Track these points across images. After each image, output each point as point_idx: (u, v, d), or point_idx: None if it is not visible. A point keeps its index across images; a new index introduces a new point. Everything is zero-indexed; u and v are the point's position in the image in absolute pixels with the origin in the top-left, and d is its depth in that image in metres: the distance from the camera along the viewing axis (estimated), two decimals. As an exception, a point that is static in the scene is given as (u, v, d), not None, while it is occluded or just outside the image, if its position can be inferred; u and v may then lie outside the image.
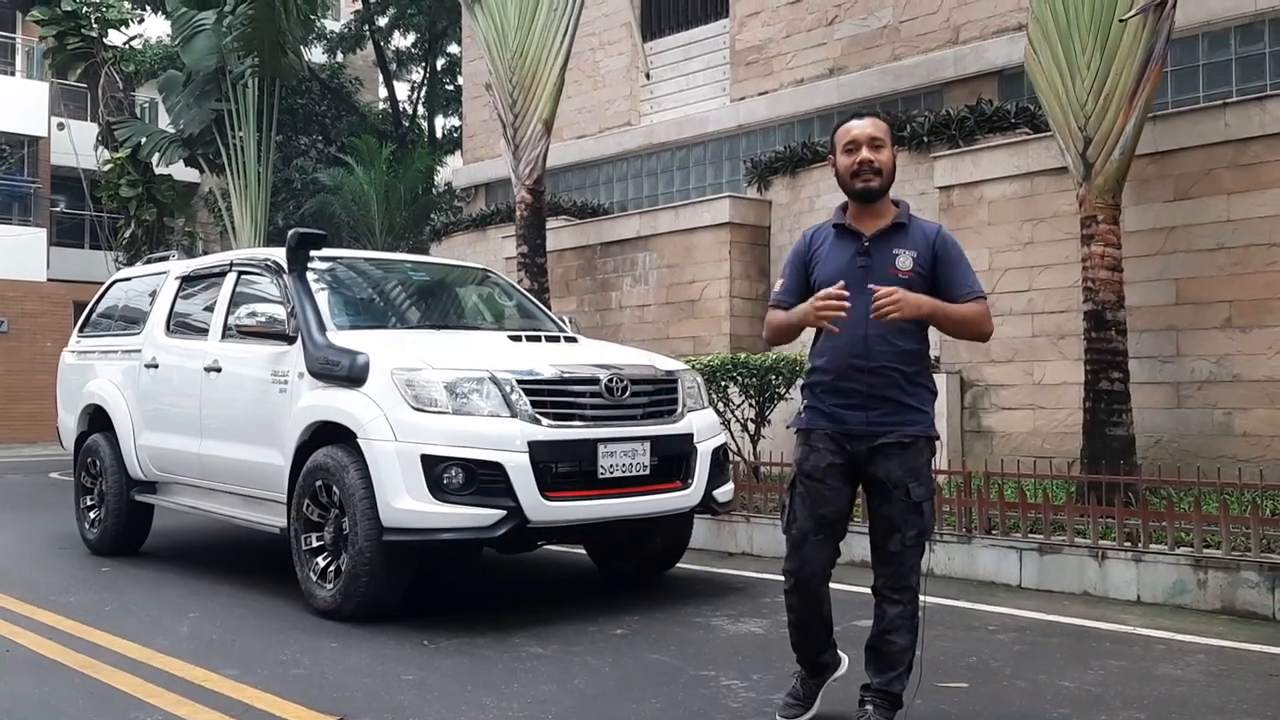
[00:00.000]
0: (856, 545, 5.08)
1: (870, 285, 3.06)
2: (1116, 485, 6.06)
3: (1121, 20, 6.51)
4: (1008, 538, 5.89)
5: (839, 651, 3.54)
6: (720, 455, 5.66)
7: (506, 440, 4.79)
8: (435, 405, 4.84)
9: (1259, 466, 6.41)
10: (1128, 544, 5.52)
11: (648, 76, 12.34)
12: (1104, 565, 5.50)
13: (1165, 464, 6.76)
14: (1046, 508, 5.86)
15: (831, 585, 3.38)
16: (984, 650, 4.45)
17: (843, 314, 3.03)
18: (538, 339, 5.69)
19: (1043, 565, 5.69)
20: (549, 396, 4.98)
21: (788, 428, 3.47)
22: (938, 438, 3.30)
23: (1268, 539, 5.23)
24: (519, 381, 4.94)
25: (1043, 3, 6.89)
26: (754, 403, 8.11)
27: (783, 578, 3.38)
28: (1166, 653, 4.42)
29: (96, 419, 7.19)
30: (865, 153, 3.19)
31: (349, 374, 5.05)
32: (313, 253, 5.97)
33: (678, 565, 6.07)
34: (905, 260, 3.16)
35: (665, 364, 5.69)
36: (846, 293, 3.04)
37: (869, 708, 3.21)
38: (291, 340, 5.48)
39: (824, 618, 3.39)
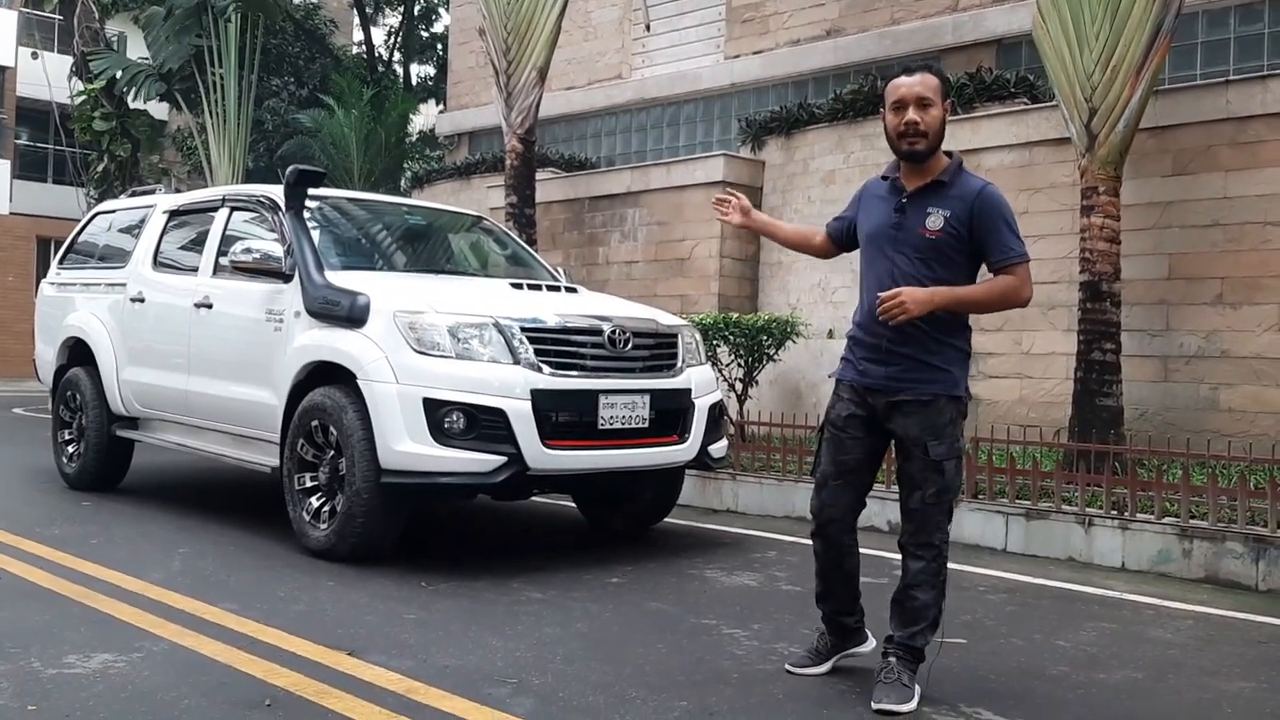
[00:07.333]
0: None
1: (879, 294, 3.11)
2: (1105, 454, 6.14)
3: (1134, -9, 6.49)
4: (995, 502, 5.95)
5: (867, 631, 3.56)
6: (716, 411, 5.66)
7: (509, 386, 4.75)
8: (438, 349, 4.78)
9: (1243, 442, 6.51)
10: (1114, 512, 5.60)
11: (648, 29, 12.14)
12: (1090, 532, 5.58)
13: (1150, 436, 6.85)
14: (1035, 474, 5.93)
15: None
16: (977, 609, 4.51)
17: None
18: (538, 288, 5.64)
19: (1029, 530, 5.77)
20: (552, 345, 4.94)
21: (829, 377, 3.55)
22: (966, 397, 3.26)
23: (1253, 511, 5.33)
24: (522, 329, 4.90)
25: (1053, -29, 6.86)
26: (743, 363, 8.12)
27: (809, 526, 3.48)
28: (1155, 617, 4.50)
29: (77, 352, 7.05)
30: (912, 113, 3.15)
31: (349, 315, 4.98)
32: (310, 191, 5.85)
33: (664, 520, 6.09)
34: (936, 220, 3.16)
35: (666, 319, 5.67)
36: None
37: (891, 659, 3.23)
38: (288, 278, 5.39)
39: (846, 573, 3.41)
